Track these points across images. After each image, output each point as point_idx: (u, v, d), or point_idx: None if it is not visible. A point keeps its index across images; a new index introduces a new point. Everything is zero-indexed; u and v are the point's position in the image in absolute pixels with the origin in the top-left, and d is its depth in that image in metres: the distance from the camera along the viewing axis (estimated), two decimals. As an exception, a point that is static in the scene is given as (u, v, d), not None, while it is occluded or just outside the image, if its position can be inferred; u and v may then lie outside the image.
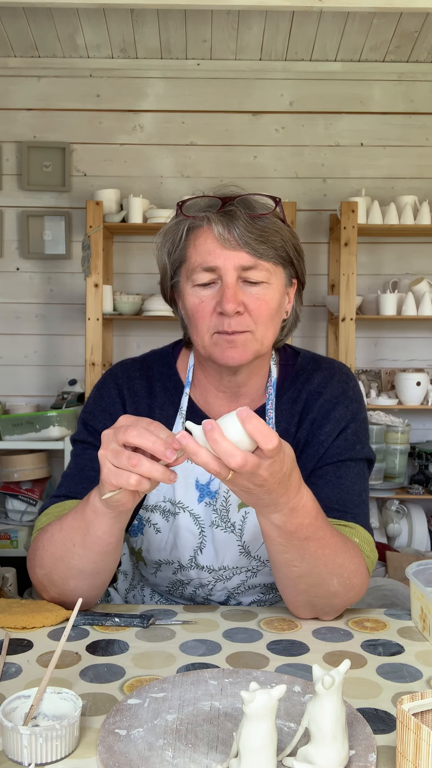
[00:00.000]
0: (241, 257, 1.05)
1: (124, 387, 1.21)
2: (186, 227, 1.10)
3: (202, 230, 1.08)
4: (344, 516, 1.09)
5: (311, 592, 1.00)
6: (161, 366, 1.24)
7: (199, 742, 0.72)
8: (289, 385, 1.20)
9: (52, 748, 0.69)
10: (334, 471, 1.13)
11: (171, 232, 1.13)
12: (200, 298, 1.08)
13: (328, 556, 0.97)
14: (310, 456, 1.14)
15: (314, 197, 3.45)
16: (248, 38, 3.21)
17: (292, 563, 0.96)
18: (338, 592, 1.01)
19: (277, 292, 1.10)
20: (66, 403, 3.18)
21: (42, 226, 3.43)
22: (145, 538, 1.18)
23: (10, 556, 3.06)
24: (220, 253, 1.05)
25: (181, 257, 1.11)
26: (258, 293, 1.07)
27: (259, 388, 1.19)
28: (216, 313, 1.07)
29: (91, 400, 1.23)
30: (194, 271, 1.08)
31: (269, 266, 1.08)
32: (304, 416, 1.17)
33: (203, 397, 1.20)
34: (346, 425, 1.15)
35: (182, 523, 1.15)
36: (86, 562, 0.99)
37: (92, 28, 3.14)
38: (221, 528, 1.15)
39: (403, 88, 3.44)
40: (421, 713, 0.68)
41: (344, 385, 1.19)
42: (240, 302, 1.05)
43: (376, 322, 3.44)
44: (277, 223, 1.09)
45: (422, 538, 3.19)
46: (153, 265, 3.44)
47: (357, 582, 1.02)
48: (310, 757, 0.67)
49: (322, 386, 1.18)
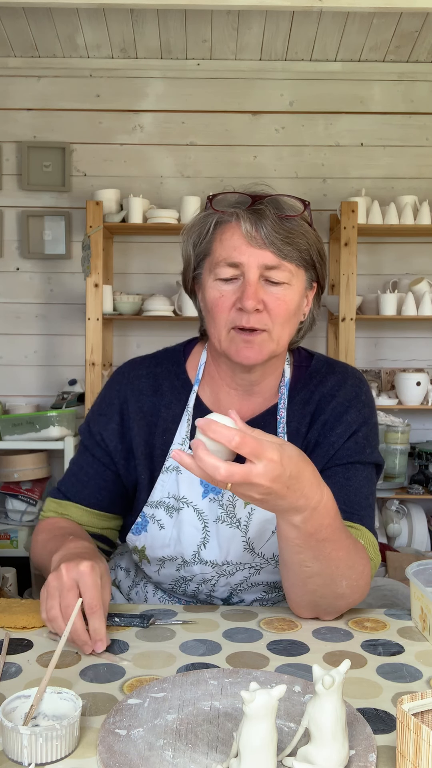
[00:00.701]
0: (265, 256, 1.06)
1: (128, 387, 1.22)
2: (214, 221, 1.11)
3: (230, 225, 1.08)
4: (351, 517, 1.10)
5: (318, 592, 1.01)
6: (170, 364, 1.25)
7: (199, 742, 0.72)
8: (302, 387, 1.21)
9: (52, 748, 0.69)
10: (343, 472, 1.14)
11: (198, 224, 1.14)
12: (221, 292, 1.09)
13: (342, 558, 0.97)
14: (320, 457, 1.15)
15: (314, 197, 3.45)
16: (248, 38, 3.21)
17: (305, 564, 0.96)
18: (345, 593, 1.01)
19: (297, 294, 1.11)
20: (66, 403, 3.18)
21: (42, 226, 3.43)
22: (149, 535, 1.19)
23: (10, 556, 3.06)
24: (246, 250, 1.06)
25: (206, 250, 1.12)
26: (278, 293, 1.08)
27: (272, 388, 1.20)
28: (235, 309, 1.08)
29: (98, 398, 1.27)
30: (218, 265, 1.09)
31: (292, 267, 1.09)
32: (316, 417, 1.17)
33: (214, 394, 1.21)
34: (358, 428, 1.16)
35: (186, 518, 1.16)
36: None
37: (92, 28, 3.14)
38: (226, 523, 1.15)
39: (403, 88, 3.44)
40: (421, 713, 0.68)
41: (357, 389, 1.20)
42: (260, 300, 1.06)
43: (376, 322, 3.44)
44: (303, 226, 1.10)
45: (422, 538, 3.19)
46: (153, 265, 3.44)
47: (362, 584, 1.03)
48: (310, 757, 0.67)
49: (335, 389, 1.19)
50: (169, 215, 3.09)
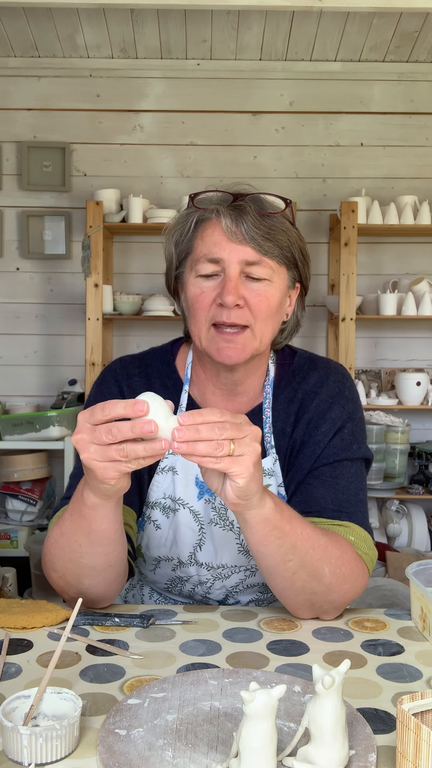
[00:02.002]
0: (246, 252, 1.06)
1: (123, 383, 1.21)
2: (195, 219, 1.11)
3: (211, 222, 1.09)
4: (339, 516, 1.09)
5: (308, 588, 1.00)
6: (160, 363, 1.24)
7: (199, 742, 0.72)
8: (285, 385, 1.20)
9: (52, 748, 0.69)
10: (330, 471, 1.13)
11: (180, 223, 1.14)
12: (201, 288, 1.09)
13: (312, 536, 0.98)
14: (307, 456, 1.14)
15: (314, 197, 3.45)
16: (248, 38, 3.21)
17: (287, 558, 0.96)
18: (332, 583, 1.01)
19: (278, 291, 1.10)
20: (66, 403, 3.18)
21: (42, 226, 3.43)
22: (145, 535, 1.18)
23: (10, 556, 3.06)
24: (226, 246, 1.06)
25: (187, 248, 1.12)
26: (259, 289, 1.08)
27: (257, 387, 1.19)
28: (216, 305, 1.07)
29: (92, 396, 1.23)
30: (198, 262, 1.09)
31: (273, 264, 1.09)
32: (300, 416, 1.17)
33: (201, 394, 1.20)
34: (343, 425, 1.15)
35: (182, 520, 1.15)
36: (96, 557, 0.99)
37: (92, 28, 3.14)
38: (220, 526, 1.15)
39: (403, 88, 3.44)
40: (421, 713, 0.68)
41: (340, 385, 1.19)
42: (240, 296, 1.06)
43: (376, 322, 3.44)
44: (284, 224, 1.10)
45: (422, 538, 3.19)
46: (153, 265, 3.43)
47: (347, 571, 1.02)
48: (310, 757, 0.67)
49: (318, 386, 1.18)
50: (169, 215, 3.09)
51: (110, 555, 1.00)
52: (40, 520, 3.20)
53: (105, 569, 1.01)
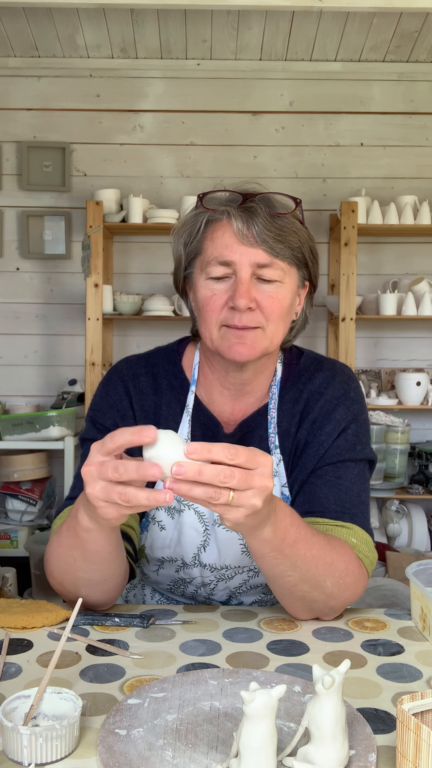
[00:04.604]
0: (257, 254, 1.05)
1: (130, 383, 1.20)
2: (205, 219, 1.10)
3: (221, 224, 1.08)
4: (342, 516, 1.09)
5: (308, 597, 1.00)
6: (167, 363, 1.23)
7: (199, 742, 0.72)
8: (291, 385, 1.20)
9: (52, 748, 0.69)
10: (333, 471, 1.13)
11: (189, 223, 1.12)
12: (213, 291, 1.08)
13: (317, 556, 0.96)
14: (310, 456, 1.14)
15: (314, 197, 3.45)
16: (248, 38, 3.21)
17: (285, 574, 0.96)
18: (333, 593, 1.01)
19: (289, 292, 1.10)
20: (66, 403, 3.18)
21: (42, 226, 3.43)
22: (149, 535, 1.18)
23: (10, 556, 3.06)
24: (237, 249, 1.05)
25: (197, 249, 1.11)
26: (271, 291, 1.08)
27: (264, 387, 1.19)
28: (227, 308, 1.07)
29: (97, 397, 1.23)
30: (209, 264, 1.08)
31: (284, 266, 1.08)
32: (305, 416, 1.16)
33: (208, 395, 1.20)
34: (347, 426, 1.15)
35: (187, 521, 1.15)
36: (91, 573, 0.99)
37: (92, 28, 3.14)
38: (223, 527, 1.15)
39: (403, 88, 3.44)
40: (421, 713, 0.68)
41: (346, 386, 1.19)
42: (252, 299, 1.05)
43: (376, 322, 3.44)
44: (295, 224, 1.09)
45: (422, 538, 3.19)
46: (153, 265, 3.44)
47: (350, 581, 1.02)
48: (310, 757, 0.67)
49: (323, 387, 1.18)
50: (169, 215, 3.09)
51: (106, 571, 1.00)
52: (40, 520, 3.20)
53: (101, 582, 1.02)
